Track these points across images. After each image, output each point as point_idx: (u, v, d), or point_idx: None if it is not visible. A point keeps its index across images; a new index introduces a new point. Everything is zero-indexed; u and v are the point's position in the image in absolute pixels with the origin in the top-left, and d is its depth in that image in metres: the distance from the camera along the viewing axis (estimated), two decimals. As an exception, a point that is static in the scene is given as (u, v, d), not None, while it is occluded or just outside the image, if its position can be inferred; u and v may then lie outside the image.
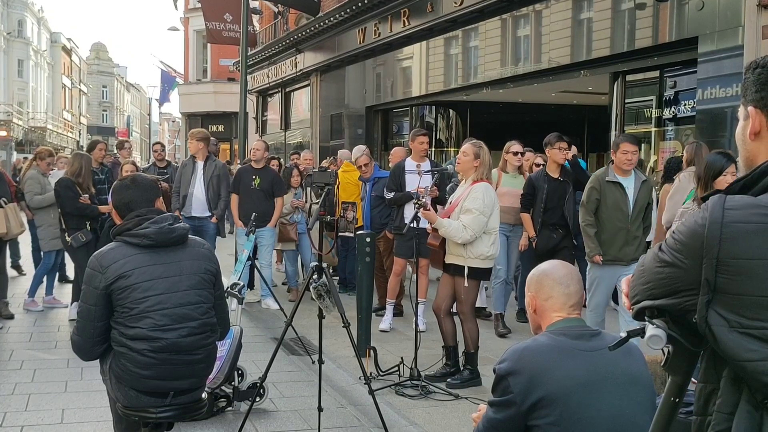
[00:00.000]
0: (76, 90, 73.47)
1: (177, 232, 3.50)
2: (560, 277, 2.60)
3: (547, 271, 2.66)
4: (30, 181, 8.88)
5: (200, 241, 3.71)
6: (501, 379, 2.42)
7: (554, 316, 2.56)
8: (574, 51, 10.95)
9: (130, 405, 3.41)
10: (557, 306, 2.56)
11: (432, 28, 14.29)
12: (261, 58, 23.73)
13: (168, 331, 3.34)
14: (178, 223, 3.55)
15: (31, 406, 5.33)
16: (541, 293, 2.60)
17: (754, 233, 1.47)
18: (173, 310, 3.37)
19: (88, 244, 7.86)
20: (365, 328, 6.60)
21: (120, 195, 3.62)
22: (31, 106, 56.95)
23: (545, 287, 2.60)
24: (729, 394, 1.53)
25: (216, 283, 3.63)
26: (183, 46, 35.68)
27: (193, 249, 3.57)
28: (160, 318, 3.33)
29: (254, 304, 9.07)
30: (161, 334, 3.33)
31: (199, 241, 3.71)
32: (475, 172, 5.85)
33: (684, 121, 9.49)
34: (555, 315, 2.56)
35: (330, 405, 5.34)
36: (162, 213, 3.57)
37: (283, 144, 23.90)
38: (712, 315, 1.49)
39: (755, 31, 7.81)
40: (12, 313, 8.20)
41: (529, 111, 15.64)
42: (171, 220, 3.52)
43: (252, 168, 9.07)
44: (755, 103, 1.65)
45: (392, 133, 17.89)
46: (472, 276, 5.75)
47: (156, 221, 3.46)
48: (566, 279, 2.60)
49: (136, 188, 3.61)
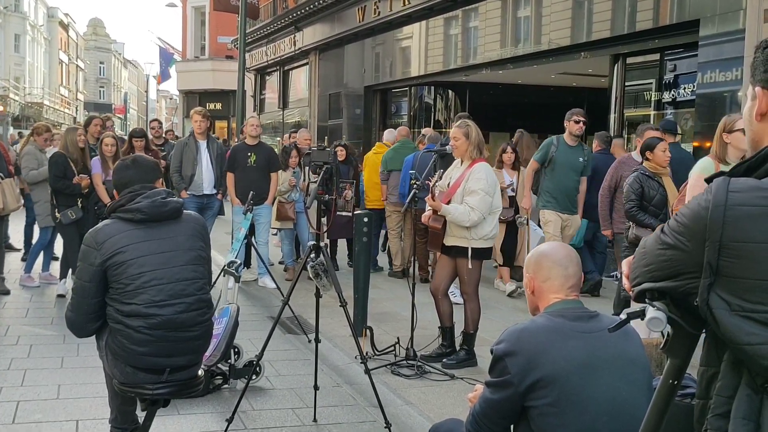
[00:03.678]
0: (73, 66, 73.10)
1: (170, 205, 3.49)
2: (559, 259, 2.59)
3: (546, 252, 2.65)
4: (27, 156, 8.84)
5: (195, 217, 3.70)
6: (498, 359, 2.41)
7: (552, 298, 2.55)
8: (575, 32, 10.89)
9: (127, 381, 3.41)
10: (555, 287, 2.56)
11: (432, 7, 14.21)
12: (260, 36, 23.60)
13: (164, 307, 3.34)
14: (171, 198, 3.54)
15: (27, 382, 5.34)
16: (540, 274, 2.59)
17: (757, 216, 1.46)
18: (169, 286, 3.36)
19: (78, 221, 7.82)
20: (362, 307, 6.60)
21: (119, 175, 3.62)
22: (27, 81, 56.65)
23: (544, 268, 2.59)
24: (729, 378, 1.53)
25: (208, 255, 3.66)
26: (181, 23, 35.46)
27: (188, 224, 3.57)
28: (155, 293, 3.33)
29: (251, 282, 9.07)
30: (157, 310, 3.32)
31: (194, 216, 3.70)
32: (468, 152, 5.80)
33: (683, 105, 9.47)
34: (553, 296, 2.55)
35: (326, 384, 5.35)
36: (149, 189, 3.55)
37: (281, 123, 23.82)
38: (714, 298, 1.49)
39: (757, 15, 7.77)
40: (8, 288, 8.19)
41: (528, 92, 15.58)
42: (164, 194, 3.51)
43: (246, 145, 9.04)
44: (763, 84, 1.63)
45: (391, 113, 17.84)
46: (475, 257, 5.75)
47: (148, 196, 3.45)
48: (565, 260, 2.59)
49: (137, 168, 3.61)
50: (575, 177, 8.15)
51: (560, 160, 8.05)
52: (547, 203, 8.14)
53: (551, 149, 8.12)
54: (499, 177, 8.19)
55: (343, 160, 9.84)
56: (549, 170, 8.12)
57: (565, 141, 8.12)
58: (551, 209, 8.11)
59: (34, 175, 8.65)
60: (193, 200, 8.80)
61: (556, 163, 8.07)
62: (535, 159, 8.32)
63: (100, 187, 7.91)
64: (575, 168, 8.12)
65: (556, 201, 8.09)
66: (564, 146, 8.11)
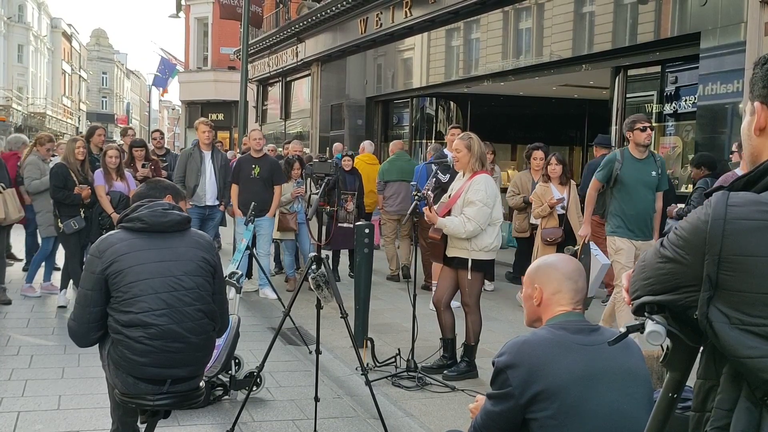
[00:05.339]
0: (76, 76, 73.32)
1: (170, 217, 3.50)
2: (569, 272, 2.58)
3: (555, 264, 2.63)
4: (30, 166, 8.85)
5: (201, 234, 3.73)
6: (500, 372, 2.41)
7: (558, 310, 2.54)
8: (576, 44, 10.93)
9: (128, 392, 3.41)
10: (565, 300, 2.54)
11: (434, 19, 14.26)
12: (262, 47, 23.68)
13: (162, 317, 3.33)
14: (174, 210, 3.56)
15: (28, 392, 5.33)
16: (549, 286, 2.57)
17: (756, 230, 1.46)
18: (165, 295, 3.36)
19: (80, 232, 7.84)
20: (363, 319, 6.60)
21: (137, 191, 3.81)
22: (30, 91, 56.82)
23: (554, 281, 2.57)
24: (728, 391, 1.53)
25: (215, 275, 3.62)
26: (184, 34, 35.59)
27: (191, 238, 3.58)
28: (152, 302, 3.32)
29: (252, 293, 9.07)
30: (155, 320, 3.31)
31: (200, 233, 3.73)
32: (470, 165, 5.83)
33: (685, 117, 9.49)
34: (559, 309, 2.54)
35: (326, 395, 5.35)
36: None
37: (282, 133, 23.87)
38: (713, 311, 1.49)
39: (758, 28, 7.79)
40: (9, 298, 8.18)
41: (529, 104, 15.62)
42: (167, 206, 3.54)
43: (251, 157, 9.08)
44: (762, 99, 1.64)
45: (392, 125, 17.88)
46: (476, 268, 5.75)
47: (150, 207, 3.48)
48: (575, 274, 2.58)
49: (152, 189, 3.74)
50: (649, 195, 6.82)
51: (628, 178, 6.74)
52: (618, 228, 6.81)
53: (615, 166, 6.76)
54: (547, 192, 7.96)
55: (349, 171, 9.96)
56: (616, 190, 6.81)
57: (631, 154, 6.77)
58: (622, 236, 6.77)
59: (36, 185, 8.67)
60: (196, 211, 8.82)
61: (623, 182, 6.73)
62: (597, 178, 6.96)
63: (103, 198, 7.93)
64: (648, 184, 6.80)
65: (628, 226, 6.77)
66: (631, 160, 6.75)
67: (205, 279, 3.54)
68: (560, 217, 7.92)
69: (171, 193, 3.79)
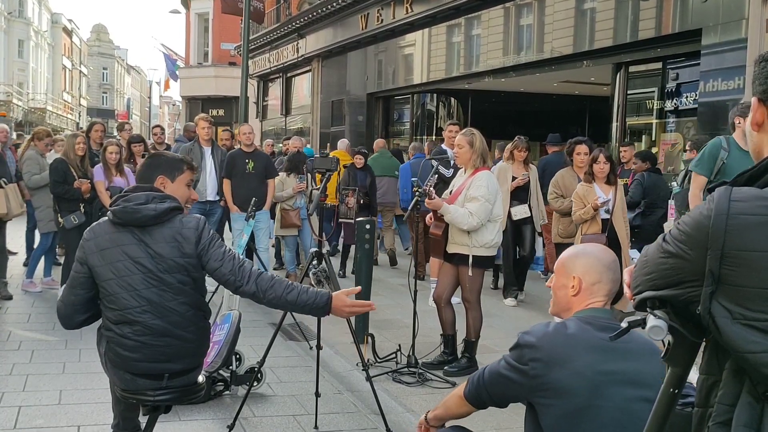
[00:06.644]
0: (77, 71, 73.23)
1: (143, 212, 3.31)
2: (609, 263, 2.53)
3: (596, 254, 2.57)
4: (29, 161, 8.85)
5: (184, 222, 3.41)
6: (522, 346, 2.40)
7: (591, 302, 2.49)
8: (577, 41, 10.92)
9: (128, 388, 3.40)
10: (603, 291, 2.49)
11: (435, 15, 14.25)
12: (263, 42, 23.66)
13: (144, 313, 3.26)
14: (152, 204, 3.35)
15: (29, 387, 5.34)
16: (590, 276, 2.50)
17: (759, 225, 1.47)
18: (147, 292, 3.27)
19: (81, 227, 7.82)
20: (363, 314, 6.60)
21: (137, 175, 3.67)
22: (31, 87, 56.76)
23: (595, 271, 2.51)
24: (730, 386, 1.54)
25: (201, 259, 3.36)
26: (184, 30, 35.56)
27: (173, 228, 3.36)
28: (132, 299, 3.25)
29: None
30: (137, 317, 3.25)
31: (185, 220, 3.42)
32: (471, 161, 5.83)
33: (686, 113, 9.49)
34: (593, 301, 2.49)
35: (327, 391, 5.35)
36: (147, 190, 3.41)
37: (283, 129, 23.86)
38: (716, 306, 1.49)
39: (759, 24, 7.79)
40: (10, 293, 8.20)
41: (530, 100, 15.63)
42: (143, 199, 3.34)
43: (244, 152, 9.06)
44: (759, 95, 1.66)
45: (393, 121, 17.87)
46: (476, 264, 5.75)
47: (128, 199, 3.35)
48: (614, 265, 2.54)
49: (146, 169, 3.55)
50: None
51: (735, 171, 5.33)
52: None
53: (721, 155, 5.51)
54: (590, 193, 6.86)
55: (361, 168, 10.01)
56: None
57: (737, 143, 5.49)
58: None
59: (36, 180, 8.67)
60: (196, 206, 8.80)
61: (726, 174, 5.35)
62: (699, 173, 5.58)
63: (103, 194, 7.92)
64: None
65: None
66: (737, 150, 5.48)
67: (187, 273, 3.36)
68: (603, 222, 6.84)
69: (163, 172, 3.53)
